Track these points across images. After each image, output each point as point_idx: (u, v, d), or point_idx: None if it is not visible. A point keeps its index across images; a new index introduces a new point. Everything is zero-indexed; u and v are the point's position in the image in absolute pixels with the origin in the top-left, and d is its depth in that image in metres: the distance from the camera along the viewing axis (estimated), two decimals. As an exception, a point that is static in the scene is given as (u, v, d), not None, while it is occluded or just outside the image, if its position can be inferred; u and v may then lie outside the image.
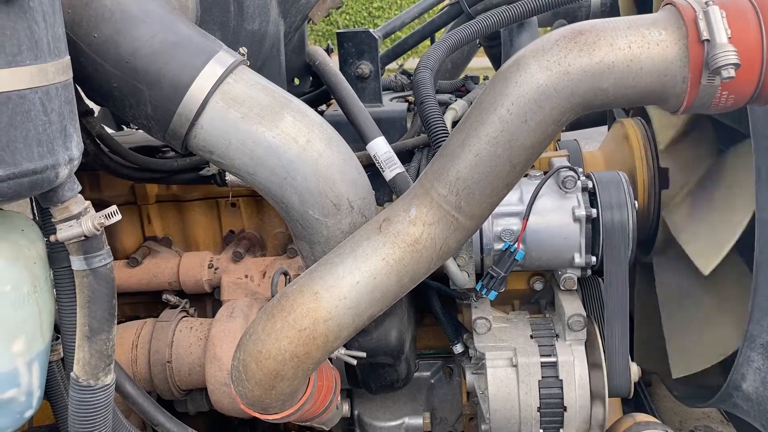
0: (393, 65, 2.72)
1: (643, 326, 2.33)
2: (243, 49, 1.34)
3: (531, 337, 1.64)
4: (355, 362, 1.52)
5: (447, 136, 1.55)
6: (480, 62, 3.37)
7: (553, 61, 1.09)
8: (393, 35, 2.57)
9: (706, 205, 1.94)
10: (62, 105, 1.06)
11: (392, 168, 1.54)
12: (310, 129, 1.29)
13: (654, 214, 2.13)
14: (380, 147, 1.57)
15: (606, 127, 2.99)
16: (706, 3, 1.07)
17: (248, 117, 1.25)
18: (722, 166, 1.95)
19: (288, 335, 1.20)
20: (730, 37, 1.04)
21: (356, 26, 11.66)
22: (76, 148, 1.10)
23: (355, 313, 1.22)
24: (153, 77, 1.22)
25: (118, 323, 1.82)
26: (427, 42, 2.45)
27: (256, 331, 1.24)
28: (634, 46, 1.08)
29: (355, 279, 1.21)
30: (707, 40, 1.04)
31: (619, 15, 2.57)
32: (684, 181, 2.06)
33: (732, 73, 1.03)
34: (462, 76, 2.95)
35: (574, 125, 3.11)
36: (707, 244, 1.83)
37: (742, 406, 1.76)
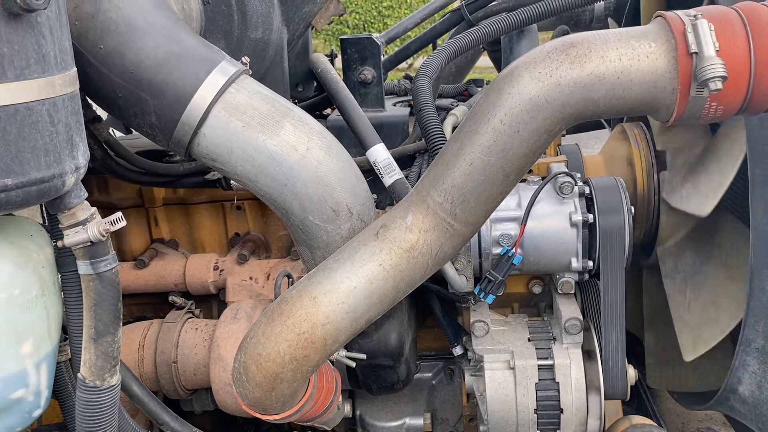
0: (403, 65, 2.75)
1: (651, 337, 2.34)
2: (245, 59, 1.37)
3: (529, 340, 1.67)
4: (353, 364, 1.55)
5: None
6: (489, 61, 3.39)
7: (545, 73, 1.12)
8: (403, 37, 2.61)
9: (700, 171, 1.97)
10: (69, 116, 1.10)
11: (391, 174, 1.57)
12: (309, 137, 1.32)
13: (654, 217, 2.15)
14: (379, 154, 1.60)
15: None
16: (695, 16, 1.09)
17: (250, 126, 1.29)
18: (714, 141, 1.97)
19: (287, 339, 1.24)
20: (718, 50, 1.06)
21: (366, 25, 11.68)
22: (82, 156, 1.14)
23: (353, 317, 1.25)
24: (157, 87, 1.26)
25: (126, 323, 1.87)
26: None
27: (257, 335, 1.27)
28: (624, 58, 1.10)
29: (353, 284, 1.24)
30: (695, 53, 1.07)
31: (622, 19, 2.58)
32: (680, 164, 2.07)
33: (719, 85, 1.05)
34: (468, 76, 2.98)
35: (579, 128, 3.13)
36: (702, 194, 1.86)
37: (739, 409, 1.77)
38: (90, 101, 1.50)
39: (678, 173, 2.07)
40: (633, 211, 1.61)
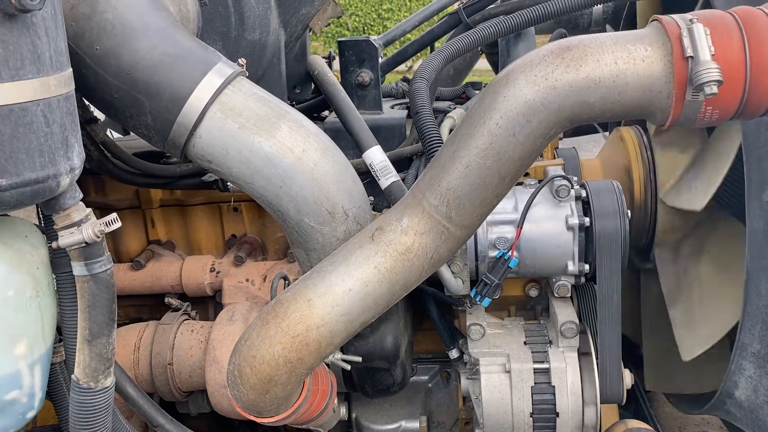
0: (402, 67, 2.74)
1: (648, 339, 2.34)
2: (242, 60, 1.37)
3: (525, 343, 1.66)
4: (348, 367, 1.55)
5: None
6: (488, 64, 3.38)
7: (541, 76, 1.12)
8: (401, 39, 2.60)
9: (695, 170, 1.97)
10: (64, 116, 1.10)
11: (388, 177, 1.57)
12: (305, 139, 1.32)
13: (650, 220, 2.15)
14: (376, 156, 1.60)
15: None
16: (690, 20, 1.09)
17: (245, 127, 1.28)
18: (710, 142, 1.97)
19: (281, 341, 1.23)
20: (713, 54, 1.06)
21: (366, 28, 11.70)
22: (77, 157, 1.14)
23: (348, 320, 1.25)
24: (153, 88, 1.25)
25: (123, 325, 1.87)
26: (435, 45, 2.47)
27: (251, 337, 1.27)
28: (620, 61, 1.10)
29: (348, 287, 1.24)
30: (691, 57, 1.07)
31: (620, 23, 2.58)
32: (676, 165, 2.08)
33: (714, 89, 1.05)
34: (466, 79, 2.99)
35: (577, 131, 3.13)
36: (695, 189, 1.86)
37: (734, 414, 1.77)
38: (87, 102, 1.50)
39: (672, 174, 2.08)
40: (629, 214, 1.61)
